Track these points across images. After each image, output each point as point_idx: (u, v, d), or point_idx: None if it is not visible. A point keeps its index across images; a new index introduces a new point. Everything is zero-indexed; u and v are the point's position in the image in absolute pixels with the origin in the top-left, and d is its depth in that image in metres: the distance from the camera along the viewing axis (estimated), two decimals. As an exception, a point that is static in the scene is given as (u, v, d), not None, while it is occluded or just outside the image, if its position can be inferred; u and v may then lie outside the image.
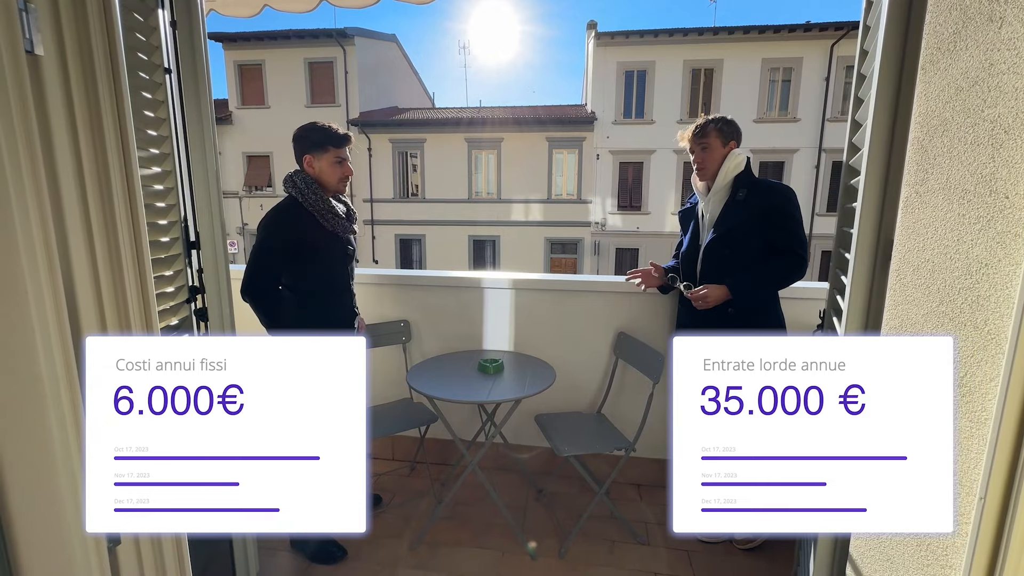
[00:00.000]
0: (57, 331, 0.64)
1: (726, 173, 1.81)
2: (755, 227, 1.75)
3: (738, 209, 1.77)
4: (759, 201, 1.74)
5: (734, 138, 1.85)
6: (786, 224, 1.74)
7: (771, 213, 1.73)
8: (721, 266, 1.81)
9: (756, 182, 1.79)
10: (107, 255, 0.70)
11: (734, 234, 1.77)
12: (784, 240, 1.74)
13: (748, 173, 1.81)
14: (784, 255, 1.74)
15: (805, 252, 1.73)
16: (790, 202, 1.75)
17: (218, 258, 1.33)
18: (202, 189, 1.29)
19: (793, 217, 1.74)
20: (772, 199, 1.75)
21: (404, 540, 1.94)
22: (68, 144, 0.64)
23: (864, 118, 1.13)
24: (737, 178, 1.81)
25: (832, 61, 14.07)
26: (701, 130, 1.85)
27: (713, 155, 1.84)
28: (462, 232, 16.22)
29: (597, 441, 1.95)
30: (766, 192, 1.76)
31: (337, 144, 1.67)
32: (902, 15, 0.79)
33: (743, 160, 1.83)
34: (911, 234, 0.76)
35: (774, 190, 1.77)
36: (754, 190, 1.77)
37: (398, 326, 2.37)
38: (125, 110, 0.70)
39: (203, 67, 1.25)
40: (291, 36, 15.56)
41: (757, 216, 1.74)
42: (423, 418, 2.16)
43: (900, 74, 0.80)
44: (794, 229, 1.74)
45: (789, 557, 1.80)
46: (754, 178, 1.81)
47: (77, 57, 0.62)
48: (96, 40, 0.63)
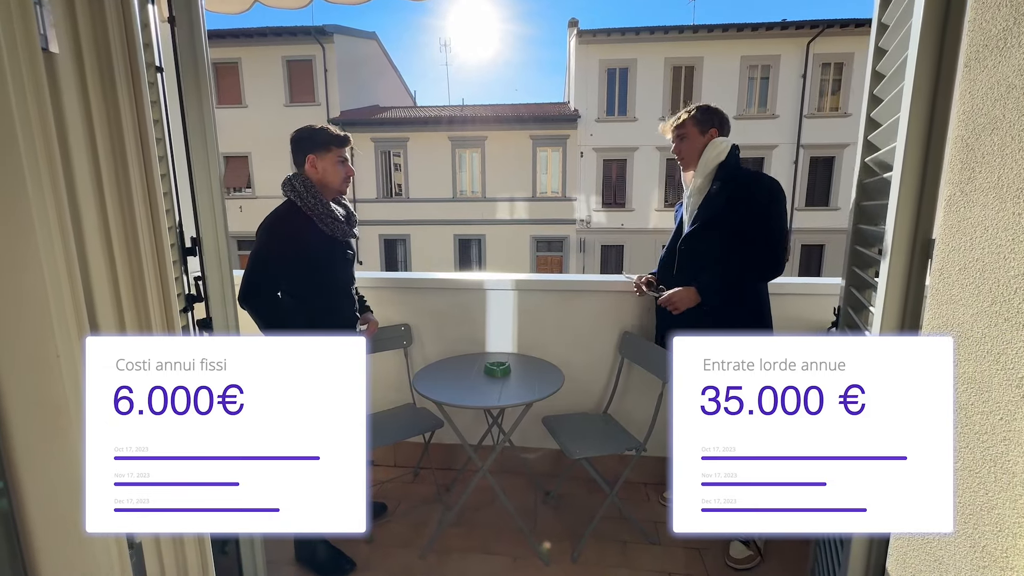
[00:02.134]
0: (76, 335, 0.59)
1: (706, 163, 1.72)
2: (729, 220, 1.66)
3: (711, 203, 1.69)
4: (736, 193, 1.65)
5: (714, 125, 1.75)
6: (762, 218, 1.64)
7: (749, 205, 1.64)
8: (695, 262, 1.75)
9: (736, 173, 1.68)
10: (126, 257, 0.65)
11: (707, 227, 1.70)
12: (758, 235, 1.64)
13: (730, 163, 1.70)
14: (757, 251, 1.65)
15: (780, 249, 1.64)
16: (771, 195, 1.65)
17: (222, 264, 1.27)
18: (204, 192, 1.23)
19: (770, 211, 1.64)
20: (751, 191, 1.65)
21: (413, 549, 1.90)
22: (85, 145, 0.59)
23: (884, 116, 1.13)
24: (719, 168, 1.70)
25: (808, 59, 14.37)
26: (678, 119, 1.79)
27: (691, 144, 1.76)
28: (447, 231, 16.11)
29: (607, 442, 1.93)
30: (745, 183, 1.66)
31: (340, 144, 1.64)
32: (939, 13, 0.78)
33: (725, 149, 1.71)
34: (956, 233, 0.75)
35: (754, 181, 1.67)
36: (731, 181, 1.67)
37: (399, 330, 2.32)
38: (145, 107, 0.65)
39: (204, 64, 1.19)
40: (268, 33, 15.23)
41: (732, 208, 1.65)
42: (429, 424, 2.12)
43: (938, 72, 0.79)
44: (771, 224, 1.64)
45: (800, 557, 1.82)
46: (737, 169, 1.70)
47: (94, 54, 0.57)
48: (114, 35, 0.58)
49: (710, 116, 1.76)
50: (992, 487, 0.68)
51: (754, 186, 1.67)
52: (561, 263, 16.06)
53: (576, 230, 15.75)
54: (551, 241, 16.04)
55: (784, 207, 1.67)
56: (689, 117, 1.77)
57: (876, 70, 1.19)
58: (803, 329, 2.11)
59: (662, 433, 2.27)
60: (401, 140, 15.82)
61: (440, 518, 2.07)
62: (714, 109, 1.78)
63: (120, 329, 0.67)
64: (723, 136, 1.76)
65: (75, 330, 0.58)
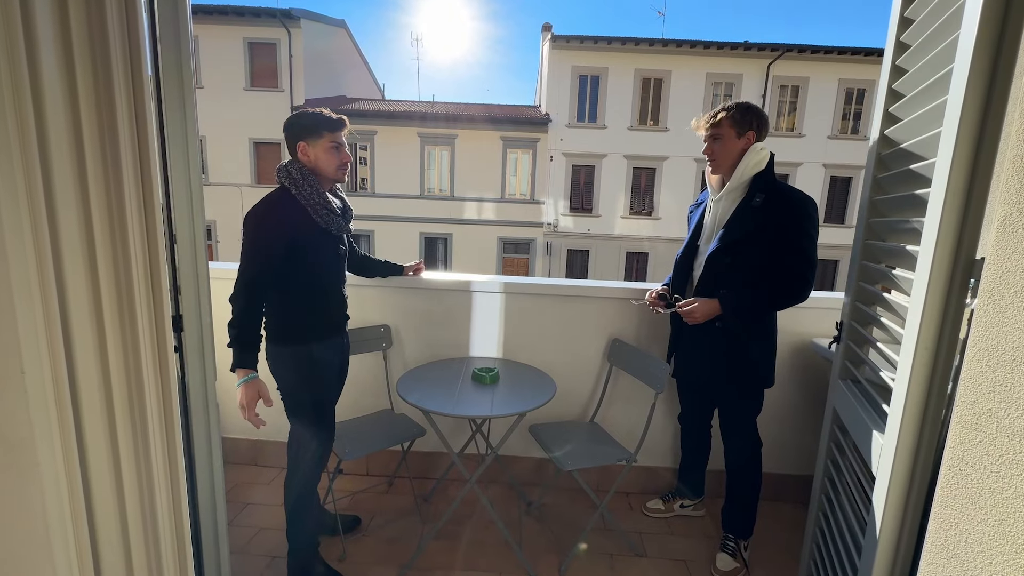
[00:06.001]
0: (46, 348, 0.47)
1: (744, 171, 1.59)
2: (766, 239, 1.56)
3: (753, 215, 1.57)
4: (777, 210, 1.55)
5: (752, 128, 1.60)
6: (800, 242, 1.54)
7: (787, 226, 1.54)
8: (721, 277, 1.63)
9: (777, 187, 1.58)
10: (110, 257, 0.53)
11: (742, 243, 1.59)
12: (794, 260, 1.55)
13: (769, 174, 1.60)
14: (790, 276, 1.56)
15: (813, 275, 1.56)
16: (809, 218, 1.55)
17: (198, 258, 1.13)
18: (181, 177, 1.08)
19: (809, 235, 1.55)
20: (792, 211, 1.55)
21: (391, 566, 1.78)
22: (66, 127, 0.47)
23: (905, 136, 1.13)
24: (756, 178, 1.59)
25: (768, 79, 15.07)
26: (714, 117, 1.64)
27: (726, 146, 1.62)
28: (413, 229, 15.81)
29: (598, 453, 1.88)
30: (787, 201, 1.55)
31: (332, 128, 1.51)
32: (994, 29, 0.77)
33: (765, 157, 1.59)
34: (1013, 254, 0.74)
35: (796, 200, 1.56)
36: (773, 197, 1.56)
37: (378, 331, 2.19)
38: (144, 95, 0.53)
39: (186, 42, 1.04)
40: (229, 12, 14.44)
41: (771, 227, 1.55)
42: (409, 432, 2.00)
43: (991, 89, 0.78)
44: (807, 249, 1.55)
45: (788, 571, 1.83)
46: (775, 181, 1.59)
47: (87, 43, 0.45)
48: (111, 17, 0.46)
49: (749, 117, 1.60)
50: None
51: (798, 205, 1.56)
52: (527, 265, 16.08)
53: (543, 233, 15.82)
54: (518, 243, 16.04)
55: (817, 229, 1.57)
56: (727, 116, 1.61)
57: (893, 88, 1.20)
58: (793, 343, 2.14)
59: (649, 443, 2.25)
60: (368, 133, 15.39)
61: (421, 532, 1.96)
62: (755, 109, 1.63)
63: (100, 344, 0.54)
64: (760, 140, 1.63)
65: (45, 343, 0.46)
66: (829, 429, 1.42)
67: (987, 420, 0.75)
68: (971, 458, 0.77)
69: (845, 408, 1.30)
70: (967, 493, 0.78)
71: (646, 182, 15.72)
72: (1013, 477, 0.72)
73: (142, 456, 0.60)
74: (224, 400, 2.38)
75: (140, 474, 0.61)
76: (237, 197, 14.73)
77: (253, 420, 1.40)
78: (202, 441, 1.24)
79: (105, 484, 0.60)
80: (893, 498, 0.94)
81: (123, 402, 0.59)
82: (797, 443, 2.24)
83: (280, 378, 1.57)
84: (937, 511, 0.83)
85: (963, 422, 0.79)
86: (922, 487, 0.93)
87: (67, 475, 0.48)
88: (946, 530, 0.82)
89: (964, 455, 0.79)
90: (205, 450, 1.25)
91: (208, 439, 1.25)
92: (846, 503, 1.24)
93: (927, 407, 0.89)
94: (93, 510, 0.53)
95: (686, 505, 2.14)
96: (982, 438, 0.75)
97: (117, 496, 0.58)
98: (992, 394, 0.75)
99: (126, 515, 0.58)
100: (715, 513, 2.07)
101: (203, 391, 1.21)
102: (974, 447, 0.77)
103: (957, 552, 0.79)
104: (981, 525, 0.75)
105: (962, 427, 0.79)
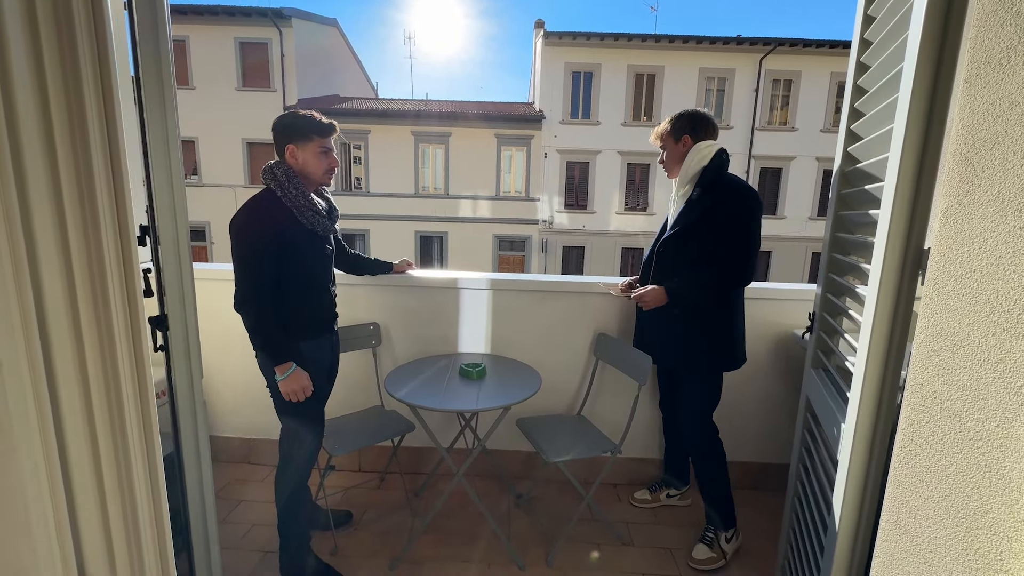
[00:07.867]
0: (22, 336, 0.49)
1: (687, 169, 1.73)
2: (706, 227, 1.68)
3: (693, 208, 1.71)
4: (712, 202, 1.67)
5: (686, 132, 1.76)
6: (733, 231, 1.66)
7: (721, 216, 1.66)
8: (667, 267, 1.79)
9: (715, 181, 1.69)
10: (84, 247, 0.56)
11: (682, 235, 1.73)
12: (726, 248, 1.67)
13: (712, 169, 1.70)
14: (729, 260, 1.67)
15: (746, 262, 1.66)
16: (745, 208, 1.66)
17: (182, 256, 1.15)
18: (163, 177, 1.10)
19: (742, 224, 1.66)
20: (726, 202, 1.66)
21: (382, 559, 1.82)
22: (37, 119, 0.49)
23: (868, 129, 1.17)
24: (701, 173, 1.71)
25: (761, 74, 15.11)
26: (656, 130, 1.84)
27: (668, 153, 1.81)
28: (408, 227, 15.81)
29: (584, 445, 1.92)
30: (722, 193, 1.67)
31: (322, 133, 1.53)
32: (937, 31, 0.81)
33: (708, 154, 1.71)
34: (952, 244, 0.77)
35: (731, 192, 1.68)
36: (709, 190, 1.69)
37: (367, 329, 2.22)
38: (113, 90, 0.55)
39: (165, 41, 1.07)
40: (219, 12, 14.38)
41: (708, 218, 1.67)
42: (399, 428, 2.04)
43: (935, 87, 0.82)
44: (740, 238, 1.65)
45: (767, 560, 1.87)
46: (717, 176, 1.70)
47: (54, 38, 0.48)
48: (78, 15, 0.49)
49: (682, 123, 1.77)
50: (987, 491, 0.70)
51: (733, 196, 1.68)
52: (523, 262, 16.12)
53: (539, 230, 15.85)
54: (513, 240, 16.06)
55: (759, 221, 1.67)
56: (663, 127, 1.81)
57: (857, 84, 1.23)
58: (776, 333, 2.19)
59: (636, 434, 2.30)
60: (362, 132, 15.37)
61: (412, 526, 2.00)
62: (688, 115, 1.78)
63: (75, 332, 0.57)
64: (707, 140, 1.76)
65: (20, 331, 0.48)
66: (803, 417, 1.46)
67: (933, 402, 0.79)
68: (919, 439, 0.81)
69: (816, 396, 1.34)
70: (916, 472, 0.81)
71: (640, 178, 15.77)
72: (955, 455, 0.76)
73: (119, 435, 0.63)
74: (214, 400, 2.42)
75: (117, 451, 0.63)
76: (231, 198, 14.70)
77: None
78: (190, 439, 1.27)
79: (84, 468, 0.63)
80: (853, 479, 0.98)
81: (99, 387, 0.61)
82: (779, 433, 2.28)
83: (270, 376, 1.60)
84: (891, 490, 0.87)
85: (912, 405, 0.83)
86: (879, 468, 0.97)
87: (46, 460, 0.50)
88: (898, 508, 0.86)
89: (913, 436, 0.82)
90: (193, 448, 1.28)
91: (196, 437, 1.27)
92: (816, 489, 1.28)
93: (882, 392, 0.93)
94: (73, 493, 0.56)
95: (672, 495, 2.18)
96: (928, 419, 0.79)
97: (96, 480, 0.61)
98: (937, 377, 0.78)
99: (105, 498, 0.61)
100: (701, 503, 2.11)
101: (189, 390, 1.24)
102: (922, 428, 0.81)
103: (908, 528, 0.83)
104: (928, 502, 0.79)
105: (912, 410, 0.83)
